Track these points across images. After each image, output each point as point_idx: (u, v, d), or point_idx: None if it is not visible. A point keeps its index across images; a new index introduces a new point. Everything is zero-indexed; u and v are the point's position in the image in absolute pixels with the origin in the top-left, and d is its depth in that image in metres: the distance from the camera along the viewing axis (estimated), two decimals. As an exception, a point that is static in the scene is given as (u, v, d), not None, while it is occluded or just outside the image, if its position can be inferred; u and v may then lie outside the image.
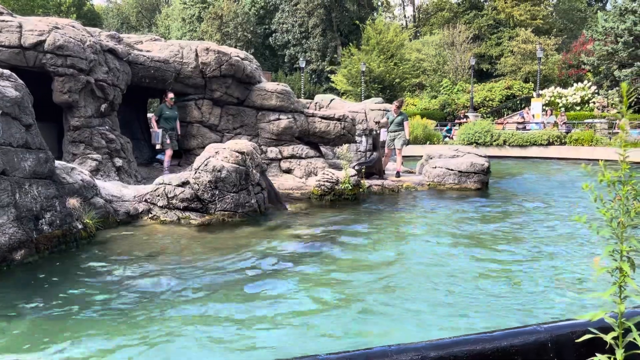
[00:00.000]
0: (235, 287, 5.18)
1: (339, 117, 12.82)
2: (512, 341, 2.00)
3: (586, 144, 22.42)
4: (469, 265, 6.05)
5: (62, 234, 6.37)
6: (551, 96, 32.70)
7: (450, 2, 49.21)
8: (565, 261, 6.24)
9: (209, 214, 8.14)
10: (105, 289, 5.05)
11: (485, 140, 23.90)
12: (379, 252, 6.67)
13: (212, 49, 12.23)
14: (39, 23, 9.42)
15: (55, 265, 5.85)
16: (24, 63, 9.02)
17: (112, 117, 10.51)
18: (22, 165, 6.02)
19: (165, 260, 6.07)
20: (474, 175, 12.24)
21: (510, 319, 4.36)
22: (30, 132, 6.34)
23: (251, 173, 8.58)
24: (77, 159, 9.43)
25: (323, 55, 46.23)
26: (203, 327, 4.20)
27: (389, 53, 37.67)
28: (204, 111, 12.47)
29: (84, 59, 9.50)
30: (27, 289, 5.06)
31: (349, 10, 45.59)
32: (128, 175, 10.18)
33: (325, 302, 4.84)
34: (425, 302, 4.83)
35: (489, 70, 42.38)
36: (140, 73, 11.29)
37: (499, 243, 7.17)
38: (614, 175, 1.73)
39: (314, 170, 12.12)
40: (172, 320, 4.34)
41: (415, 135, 23.77)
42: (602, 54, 31.09)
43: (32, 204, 6.02)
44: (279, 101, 12.52)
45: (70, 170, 7.31)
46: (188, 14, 52.79)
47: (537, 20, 41.55)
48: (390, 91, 37.03)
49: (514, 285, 5.31)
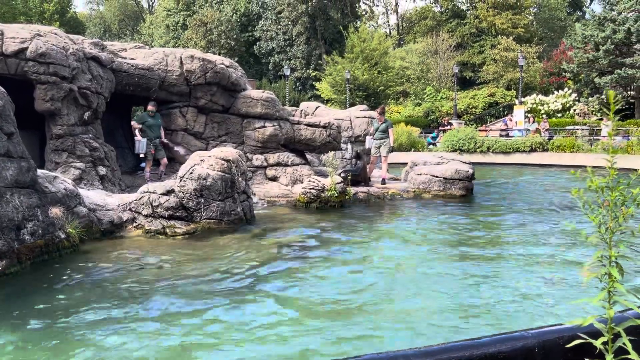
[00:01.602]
0: (216, 300, 5.13)
1: (324, 125, 12.85)
2: (500, 347, 2.01)
3: (568, 151, 22.75)
4: (455, 271, 6.08)
5: (45, 244, 6.27)
6: (533, 103, 33.16)
7: (434, 11, 49.77)
8: (550, 266, 6.30)
9: (195, 222, 8.07)
10: (86, 300, 4.97)
11: (469, 147, 24.12)
12: (365, 260, 6.68)
13: (196, 57, 12.19)
14: (21, 30, 9.32)
15: (37, 276, 5.74)
16: (6, 71, 8.90)
17: (95, 125, 10.40)
18: (3, 174, 5.92)
19: (148, 272, 6.00)
20: (458, 182, 12.33)
21: (497, 325, 4.38)
22: (12, 140, 6.24)
23: (237, 181, 8.54)
24: (60, 167, 9.31)
25: (307, 63, 46.37)
26: (185, 338, 4.16)
27: (373, 61, 37.95)
28: (188, 119, 12.40)
29: (67, 66, 9.41)
30: (7, 300, 4.96)
31: (333, 19, 45.85)
32: (112, 184, 10.08)
33: (309, 311, 4.82)
34: (412, 308, 4.84)
35: (471, 77, 42.87)
36: (124, 81, 11.20)
37: (485, 248, 7.22)
38: (602, 182, 1.75)
39: (300, 178, 12.11)
40: (159, 334, 4.28)
41: (399, 143, 23.90)
42: (581, 61, 31.63)
43: (14, 213, 5.92)
44: (265, 109, 12.51)
45: (53, 179, 7.21)
46: (172, 21, 52.65)
47: (519, 28, 42.18)
48: (374, 99, 37.25)
49: (498, 291, 5.34)
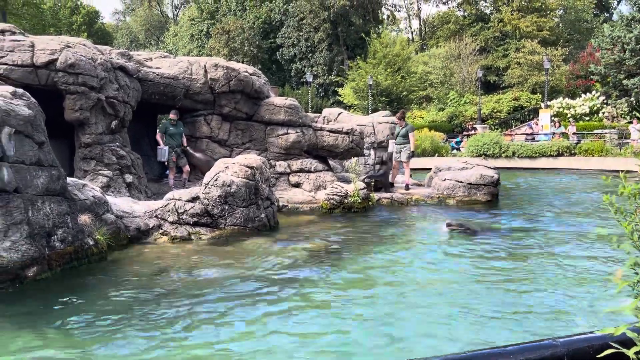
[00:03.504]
0: (245, 307, 5.17)
1: (347, 131, 12.86)
2: (528, 356, 1.98)
3: (596, 155, 22.29)
4: (484, 277, 6.00)
5: (74, 251, 6.40)
6: (560, 107, 32.60)
7: (456, 15, 49.41)
8: (581, 274, 6.17)
9: (219, 228, 8.15)
10: (116, 306, 5.06)
11: (494, 151, 23.83)
12: (391, 267, 6.63)
13: (220, 65, 12.34)
14: (51, 42, 9.57)
15: (67, 282, 5.87)
16: (36, 82, 9.14)
17: (122, 134, 10.61)
18: (34, 182, 6.08)
19: (175, 279, 6.08)
20: (483, 187, 12.17)
21: (527, 333, 4.30)
22: (42, 149, 6.40)
23: (260, 187, 8.60)
24: (88, 175, 9.51)
25: (330, 69, 46.49)
26: (216, 346, 4.19)
27: (396, 66, 37.84)
28: (213, 126, 12.55)
29: (95, 76, 9.62)
30: (40, 306, 5.08)
31: (355, 24, 45.89)
32: (138, 191, 10.24)
33: (336, 317, 4.81)
34: (439, 315, 4.79)
35: (496, 82, 42.39)
36: (150, 89, 11.41)
37: (515, 257, 7.11)
38: (635, 187, 1.71)
39: (323, 184, 12.13)
40: (188, 340, 4.33)
41: (423, 148, 23.77)
42: (609, 62, 31.00)
43: (45, 220, 6.07)
44: (287, 115, 12.58)
45: (82, 186, 7.37)
46: (196, 30, 53.44)
47: (544, 31, 41.58)
48: (397, 104, 37.12)
49: (529, 300, 5.25)
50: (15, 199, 5.71)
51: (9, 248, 5.50)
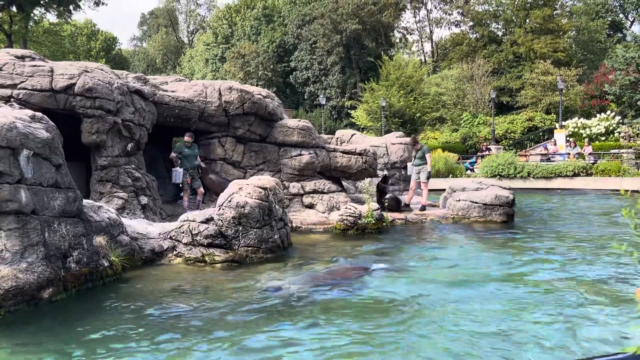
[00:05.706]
0: (257, 328, 5.13)
1: (360, 152, 12.88)
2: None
3: (613, 175, 22.01)
4: (503, 297, 5.90)
5: (89, 272, 6.43)
6: (575, 127, 32.37)
7: (469, 37, 49.65)
8: (600, 293, 6.04)
9: (233, 250, 8.14)
10: (130, 328, 5.05)
11: (509, 172, 23.65)
12: (407, 289, 6.55)
13: (234, 88, 12.50)
14: (70, 67, 9.78)
15: (83, 303, 5.88)
16: (55, 105, 9.33)
17: (138, 156, 10.73)
18: (51, 204, 6.15)
19: (190, 300, 6.06)
20: (499, 207, 12.06)
21: (547, 354, 4.20)
22: (60, 171, 6.49)
23: (274, 209, 8.60)
24: (104, 197, 9.60)
25: (342, 92, 46.85)
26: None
27: (409, 88, 38.00)
28: (227, 148, 12.65)
29: (112, 100, 9.79)
30: (55, 327, 5.09)
31: (368, 48, 46.35)
32: (153, 213, 10.31)
33: (355, 338, 4.75)
34: (456, 331, 4.71)
35: (509, 102, 42.28)
36: (166, 112, 11.57)
37: (534, 277, 6.99)
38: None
39: (337, 205, 12.10)
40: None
41: (437, 169, 23.67)
42: (624, 83, 30.82)
43: (61, 242, 6.12)
44: (301, 137, 12.65)
45: (98, 208, 7.44)
46: (211, 54, 54.38)
47: (558, 52, 41.53)
48: (410, 125, 37.18)
49: (549, 318, 5.15)
50: (32, 221, 5.78)
51: (25, 269, 5.54)
